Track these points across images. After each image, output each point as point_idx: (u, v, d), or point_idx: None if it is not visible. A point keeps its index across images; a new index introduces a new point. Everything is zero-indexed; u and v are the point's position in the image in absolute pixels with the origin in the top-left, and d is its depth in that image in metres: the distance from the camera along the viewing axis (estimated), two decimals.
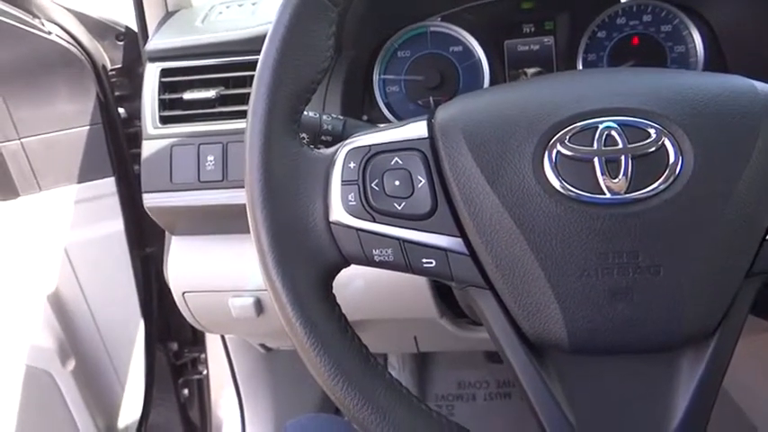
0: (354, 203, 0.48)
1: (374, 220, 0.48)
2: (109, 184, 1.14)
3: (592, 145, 0.45)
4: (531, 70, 0.91)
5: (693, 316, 0.45)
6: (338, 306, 0.50)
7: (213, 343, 1.33)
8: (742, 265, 0.44)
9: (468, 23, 0.91)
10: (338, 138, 0.63)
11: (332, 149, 0.51)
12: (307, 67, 0.50)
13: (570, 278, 0.45)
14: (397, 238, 0.48)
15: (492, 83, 0.90)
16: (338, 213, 0.47)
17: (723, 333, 0.45)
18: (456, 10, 0.91)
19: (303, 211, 0.47)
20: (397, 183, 0.48)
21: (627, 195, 0.44)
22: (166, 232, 0.90)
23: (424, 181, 0.48)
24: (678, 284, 0.44)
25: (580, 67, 0.89)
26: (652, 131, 0.43)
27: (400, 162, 0.48)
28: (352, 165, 0.47)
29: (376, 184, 0.48)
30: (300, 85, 0.50)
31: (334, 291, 0.50)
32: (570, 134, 0.45)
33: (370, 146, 0.47)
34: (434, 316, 0.90)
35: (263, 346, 1.14)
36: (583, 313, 0.45)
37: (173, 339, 1.39)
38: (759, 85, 0.47)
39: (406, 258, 0.48)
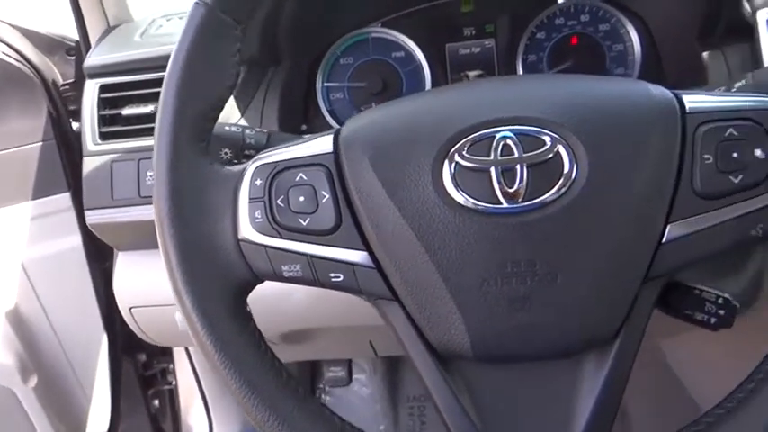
0: (261, 220, 0.48)
1: (281, 237, 0.48)
2: (64, 200, 1.14)
3: (489, 155, 0.45)
4: (472, 73, 0.91)
5: (593, 321, 0.45)
6: (252, 322, 0.51)
7: (180, 353, 1.33)
8: (639, 269, 0.45)
9: (409, 29, 0.91)
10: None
11: (241, 167, 0.51)
12: (211, 86, 0.50)
13: (471, 288, 0.45)
14: (305, 254, 0.48)
15: (434, 86, 0.91)
16: (246, 231, 0.47)
17: (624, 337, 0.46)
18: (396, 15, 0.91)
19: (212, 229, 0.47)
20: (301, 199, 0.48)
21: (523, 204, 0.44)
22: None
23: (328, 196, 0.48)
24: (575, 291, 0.44)
25: (520, 68, 0.90)
26: (547, 140, 0.43)
27: (305, 178, 0.48)
28: (258, 182, 0.48)
29: (281, 201, 0.48)
30: (206, 104, 0.50)
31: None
32: (468, 145, 0.46)
33: (275, 162, 0.48)
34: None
35: None
36: (484, 322, 0.45)
37: (141, 350, 1.39)
38: (654, 89, 0.47)
39: (314, 273, 0.48)
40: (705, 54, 0.74)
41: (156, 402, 1.45)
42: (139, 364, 1.40)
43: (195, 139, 0.50)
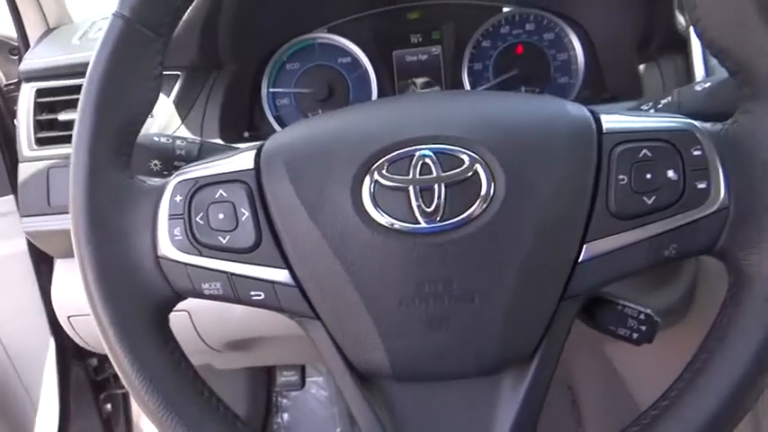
0: (181, 238, 0.48)
1: (201, 255, 0.48)
2: (8, 203, 1.11)
3: (408, 174, 0.45)
4: (419, 80, 0.91)
5: (510, 340, 0.45)
6: (172, 342, 0.50)
7: None
8: (556, 289, 0.45)
9: (356, 34, 0.90)
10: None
11: (162, 181, 0.50)
12: (130, 100, 0.49)
13: (389, 308, 0.45)
14: (225, 272, 0.48)
15: (380, 94, 0.90)
16: (166, 248, 0.46)
17: (543, 355, 0.46)
18: (343, 21, 0.90)
19: (131, 246, 0.46)
20: (221, 216, 0.47)
21: (440, 224, 0.44)
22: None
23: (247, 214, 0.47)
24: (492, 311, 0.45)
25: (466, 77, 0.90)
26: (465, 158, 0.43)
27: (225, 195, 0.48)
28: (178, 198, 0.47)
29: (201, 218, 0.48)
30: (125, 119, 0.49)
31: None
32: (388, 163, 0.45)
33: (196, 179, 0.47)
34: None
35: None
36: (403, 342, 0.45)
37: (92, 355, 1.37)
38: (572, 108, 0.48)
39: (234, 291, 0.48)
40: (642, 66, 0.75)
41: (109, 406, 1.42)
42: (90, 369, 1.37)
43: (114, 153, 0.49)
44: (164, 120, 0.79)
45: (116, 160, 0.49)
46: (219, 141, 0.79)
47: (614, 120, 0.47)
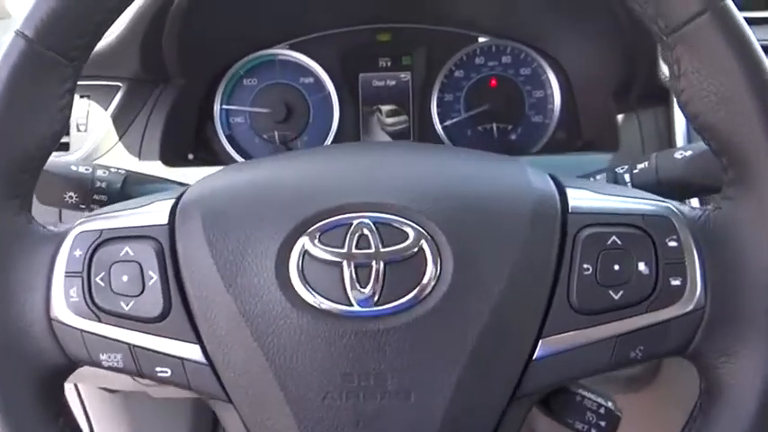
0: (77, 300, 0.41)
1: (99, 321, 0.41)
2: None
3: (342, 246, 0.39)
4: (385, 108, 0.85)
5: None
6: (65, 415, 0.43)
7: (71, 391, 1.22)
8: (505, 388, 0.39)
9: (320, 53, 0.84)
10: (115, 199, 0.55)
11: (64, 228, 0.43)
12: (30, 133, 0.42)
13: (312, 401, 0.39)
14: (126, 343, 0.41)
15: (343, 119, 0.84)
16: (59, 310, 0.39)
17: None
18: (306, 38, 0.84)
19: (20, 304, 0.39)
20: (125, 278, 0.41)
21: (377, 308, 0.38)
22: None
23: (155, 277, 0.40)
24: (431, 411, 0.39)
25: (435, 107, 0.84)
26: (410, 232, 0.37)
27: (131, 253, 0.41)
28: (78, 252, 0.40)
29: (102, 279, 0.41)
30: (20, 155, 0.42)
31: None
32: (320, 232, 0.39)
33: (100, 230, 0.40)
34: None
35: (104, 388, 1.05)
36: None
37: None
38: (535, 179, 0.42)
39: (137, 365, 0.41)
40: (620, 116, 0.70)
41: None
42: None
43: (7, 195, 0.42)
44: (98, 136, 0.72)
45: (8, 203, 0.42)
46: (158, 163, 0.72)
47: (582, 197, 0.41)
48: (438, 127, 0.84)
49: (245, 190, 0.42)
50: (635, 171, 0.53)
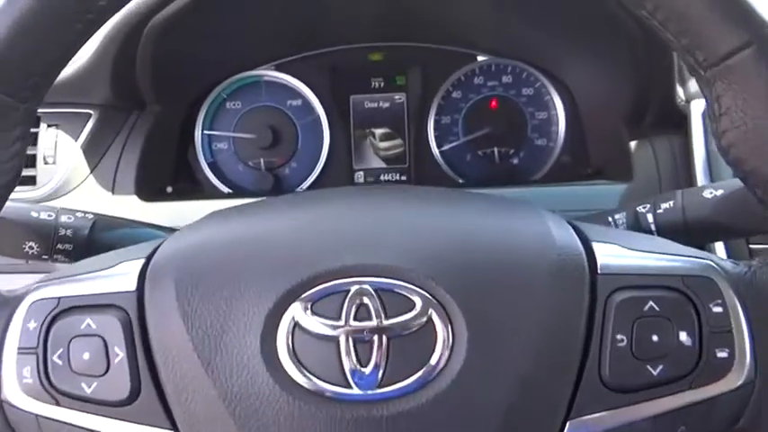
0: (31, 381, 0.35)
1: (58, 404, 0.35)
2: None
3: (339, 317, 0.33)
4: (379, 131, 0.80)
5: None
6: None
7: None
8: None
9: (308, 74, 0.79)
10: (82, 247, 0.50)
11: (16, 294, 0.37)
12: None
13: None
14: (90, 430, 0.35)
15: (334, 144, 0.79)
16: (11, 391, 0.34)
17: None
18: (294, 58, 0.79)
19: None
20: (86, 356, 0.35)
21: (379, 391, 0.33)
22: None
23: (122, 354, 0.35)
24: None
25: (432, 131, 0.79)
26: (417, 301, 0.32)
27: (93, 326, 0.35)
28: (32, 324, 0.34)
29: (60, 356, 0.35)
30: None
31: None
32: (313, 300, 0.34)
33: (58, 298, 0.35)
34: None
35: None
36: None
37: None
38: (558, 231, 0.37)
39: None
40: (632, 143, 0.65)
41: None
42: None
43: None
44: (68, 169, 0.66)
45: None
46: (134, 198, 0.67)
47: (611, 253, 0.36)
48: (435, 151, 0.78)
49: (226, 248, 0.37)
50: (659, 211, 0.48)
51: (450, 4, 0.69)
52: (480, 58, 0.78)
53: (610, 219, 0.50)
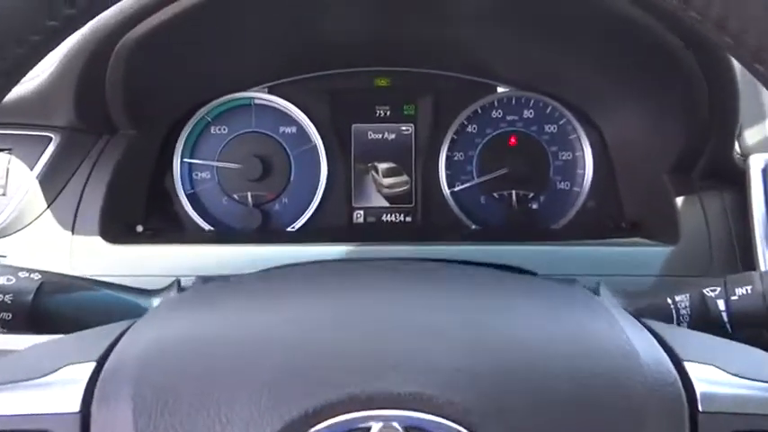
0: None
1: None
2: None
3: None
4: (382, 165, 0.71)
5: None
6: None
7: None
8: None
9: (305, 99, 0.69)
10: (24, 315, 0.40)
11: None
12: None
13: None
14: None
15: (331, 178, 0.69)
16: None
17: None
18: (289, 80, 0.69)
19: None
20: None
21: None
22: None
23: None
24: None
25: (443, 168, 0.70)
26: None
27: None
28: None
29: None
30: None
31: None
32: None
33: None
34: None
35: None
36: None
37: None
38: (638, 340, 0.28)
39: None
40: (679, 198, 0.56)
41: None
42: None
43: None
44: (20, 202, 0.56)
45: None
46: (97, 240, 0.57)
47: (711, 381, 0.28)
48: (446, 191, 0.70)
49: (203, 355, 0.28)
50: (733, 297, 0.40)
51: (468, 26, 0.60)
52: (500, 90, 0.69)
53: (670, 301, 0.41)
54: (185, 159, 0.69)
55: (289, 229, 0.70)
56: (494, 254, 0.56)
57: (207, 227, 0.69)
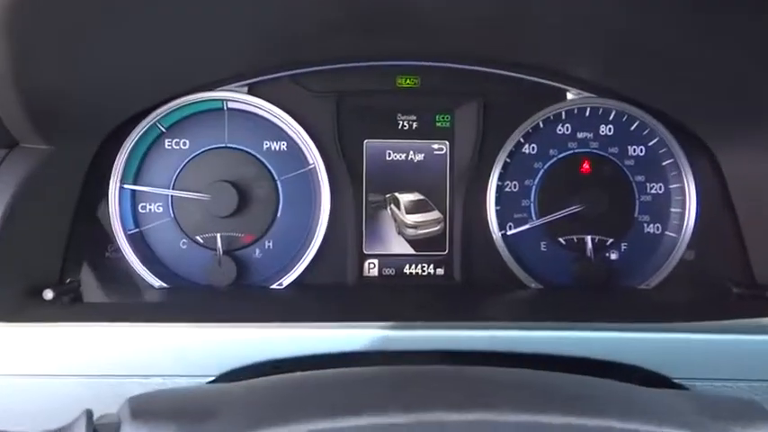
0: None
1: None
2: None
3: None
4: (406, 198, 0.52)
5: None
6: None
7: None
8: None
9: (300, 103, 0.50)
10: None
11: None
12: None
13: None
14: None
15: (335, 214, 0.51)
16: None
17: None
18: (274, 76, 0.49)
19: None
20: None
21: None
22: None
23: None
24: None
25: (491, 204, 0.51)
26: None
27: None
28: None
29: None
30: None
31: None
32: None
33: None
34: None
35: None
36: None
37: None
38: None
39: None
40: None
41: None
42: None
43: None
44: None
45: None
46: None
47: None
48: (495, 234, 0.51)
49: None
50: None
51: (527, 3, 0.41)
52: (571, 96, 0.51)
53: None
54: (126, 185, 0.49)
55: (274, 286, 0.50)
56: (581, 343, 0.37)
57: (157, 283, 0.48)
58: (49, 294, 0.42)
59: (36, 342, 0.38)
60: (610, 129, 0.53)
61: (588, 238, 0.52)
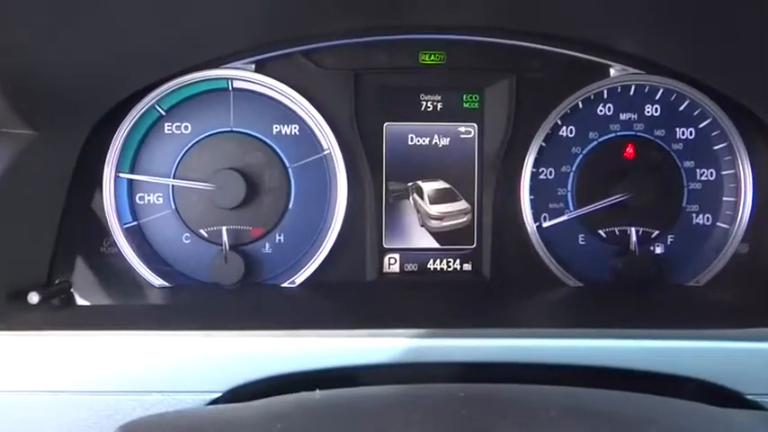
0: None
1: None
2: None
3: None
4: (430, 186, 0.47)
5: None
6: None
7: None
8: None
9: (313, 82, 0.45)
10: None
11: None
12: None
13: None
14: None
15: (352, 204, 0.46)
16: None
17: None
18: (285, 52, 0.45)
19: None
20: None
21: None
22: None
23: None
24: None
25: (526, 192, 0.47)
26: None
27: None
28: None
29: None
30: None
31: None
32: None
33: None
34: None
35: None
36: None
37: None
38: None
39: None
40: None
41: None
42: None
43: None
44: None
45: None
46: None
47: None
48: (529, 226, 0.46)
49: None
50: None
51: None
52: (614, 72, 0.46)
53: None
54: (122, 174, 0.45)
55: (285, 285, 0.45)
56: (634, 353, 0.33)
57: (157, 282, 0.44)
58: (34, 298, 0.38)
59: (19, 353, 0.34)
60: (656, 109, 0.48)
61: (632, 231, 0.47)
